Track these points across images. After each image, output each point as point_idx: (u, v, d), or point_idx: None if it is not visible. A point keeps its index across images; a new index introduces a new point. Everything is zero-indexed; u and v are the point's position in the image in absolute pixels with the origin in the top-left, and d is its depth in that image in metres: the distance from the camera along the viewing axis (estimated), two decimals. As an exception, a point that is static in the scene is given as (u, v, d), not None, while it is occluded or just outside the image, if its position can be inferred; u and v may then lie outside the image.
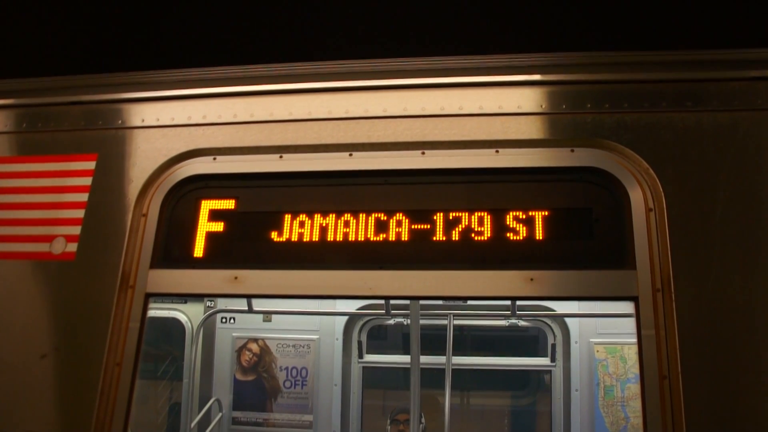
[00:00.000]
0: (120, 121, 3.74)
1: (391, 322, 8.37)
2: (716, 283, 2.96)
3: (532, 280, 3.14)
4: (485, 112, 3.43)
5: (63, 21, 4.08)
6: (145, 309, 3.40)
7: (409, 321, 7.96)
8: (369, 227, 3.36)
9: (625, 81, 3.37)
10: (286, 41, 3.85)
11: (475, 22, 3.71)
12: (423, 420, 7.45)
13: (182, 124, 3.67)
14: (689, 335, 2.89)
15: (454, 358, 7.57)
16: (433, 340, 7.81)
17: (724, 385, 2.82)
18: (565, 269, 3.16)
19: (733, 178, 3.10)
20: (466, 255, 3.25)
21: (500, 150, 3.38)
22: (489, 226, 3.27)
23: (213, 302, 8.44)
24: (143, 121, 3.72)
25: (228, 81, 3.71)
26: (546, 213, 3.26)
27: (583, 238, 3.23)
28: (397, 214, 3.36)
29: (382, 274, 3.25)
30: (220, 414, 8.34)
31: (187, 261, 3.49)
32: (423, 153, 3.44)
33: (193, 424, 7.87)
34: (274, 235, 3.44)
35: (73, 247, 3.50)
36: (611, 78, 3.39)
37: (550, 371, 8.02)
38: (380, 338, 8.75)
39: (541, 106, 3.39)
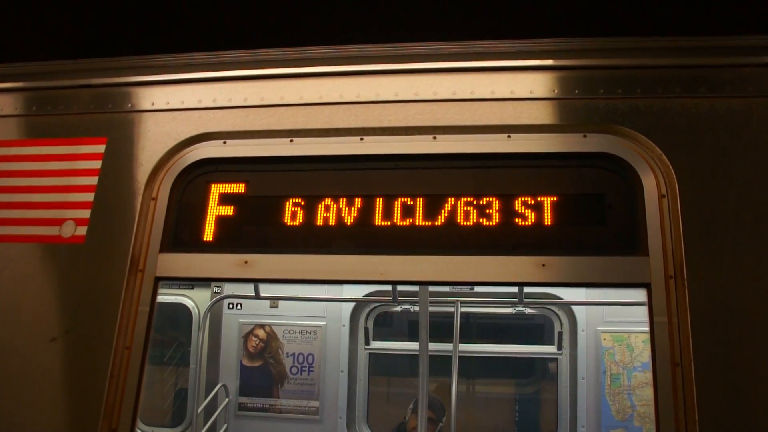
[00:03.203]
0: (130, 105, 3.73)
1: (398, 309, 8.36)
2: (729, 269, 2.94)
3: (543, 266, 3.13)
4: (497, 96, 3.40)
5: (72, 4, 4.06)
6: (154, 293, 3.41)
7: (415, 308, 7.96)
8: (380, 212, 3.35)
9: (638, 66, 3.34)
10: (296, 25, 3.83)
11: (489, 6, 3.68)
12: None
13: (192, 108, 3.66)
14: (702, 322, 2.88)
15: (460, 345, 7.55)
16: (439, 328, 7.80)
17: (736, 372, 2.81)
18: (577, 255, 3.15)
19: (746, 165, 3.08)
20: (478, 240, 3.23)
21: (512, 135, 3.36)
22: (500, 211, 3.26)
23: (220, 288, 8.45)
24: (153, 104, 3.71)
25: (238, 65, 3.69)
26: (558, 199, 3.25)
27: (596, 224, 3.22)
28: (408, 199, 3.35)
29: (393, 259, 3.25)
30: (227, 399, 8.37)
31: (196, 245, 3.49)
32: (434, 138, 3.42)
33: (199, 410, 7.90)
34: (284, 220, 3.43)
35: (82, 230, 3.50)
36: (624, 63, 3.36)
37: (556, 359, 8.00)
38: (386, 325, 8.74)
39: (554, 91, 3.37)
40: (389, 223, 3.33)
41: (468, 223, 3.26)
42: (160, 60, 3.78)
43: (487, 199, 3.29)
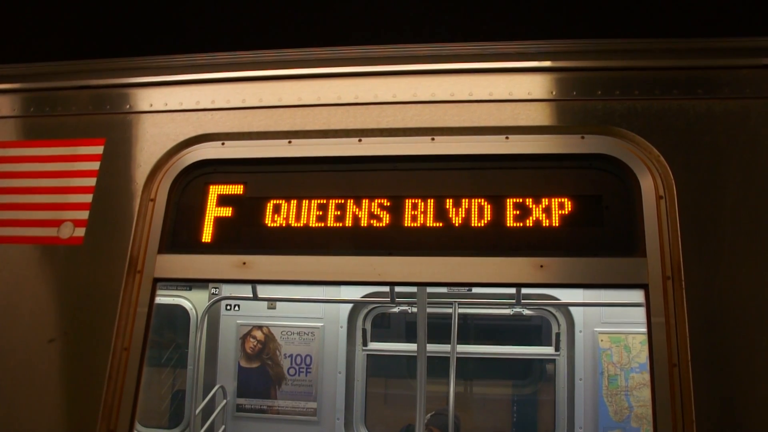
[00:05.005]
0: (128, 106, 3.73)
1: (396, 310, 8.36)
2: (726, 270, 2.95)
3: (541, 267, 3.13)
4: (495, 98, 3.41)
5: (71, 5, 4.06)
6: (153, 294, 3.40)
7: (413, 309, 7.96)
8: (378, 213, 3.35)
9: (636, 68, 3.35)
10: (295, 27, 3.83)
11: (487, 8, 3.68)
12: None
13: (191, 109, 3.66)
14: (699, 323, 2.88)
15: (458, 346, 7.56)
16: (436, 329, 7.81)
17: (734, 373, 2.82)
18: (575, 256, 3.15)
19: (744, 166, 3.08)
20: (476, 241, 3.24)
21: (510, 136, 3.37)
22: (499, 212, 3.26)
23: (217, 289, 8.44)
24: (151, 105, 3.71)
25: (237, 66, 3.69)
26: (556, 200, 3.25)
27: (593, 225, 3.22)
28: (407, 200, 3.35)
29: (391, 260, 3.25)
30: (225, 401, 8.36)
31: (195, 246, 3.49)
32: (432, 139, 3.43)
33: (197, 411, 7.89)
34: (282, 221, 3.43)
35: (80, 231, 3.50)
36: (622, 65, 3.36)
37: (554, 360, 8.01)
38: (384, 326, 8.74)
39: (552, 92, 3.38)
40: (387, 225, 3.33)
41: (466, 224, 3.27)
42: (159, 61, 3.78)
43: (485, 200, 3.29)
